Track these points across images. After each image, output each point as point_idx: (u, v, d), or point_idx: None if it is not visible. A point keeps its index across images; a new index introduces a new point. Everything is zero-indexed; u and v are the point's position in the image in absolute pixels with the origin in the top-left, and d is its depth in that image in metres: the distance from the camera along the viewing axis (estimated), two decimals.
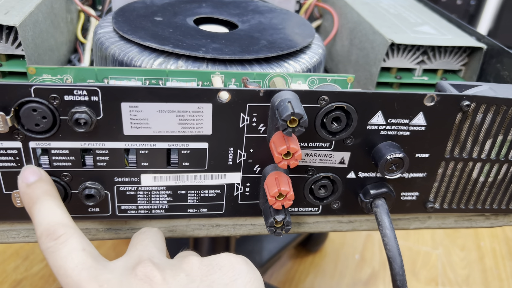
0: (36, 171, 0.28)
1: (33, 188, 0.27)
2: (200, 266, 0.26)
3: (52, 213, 0.26)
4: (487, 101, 0.31)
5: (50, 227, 0.25)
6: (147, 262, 0.25)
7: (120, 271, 0.25)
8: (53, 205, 0.27)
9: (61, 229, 0.25)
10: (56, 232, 0.25)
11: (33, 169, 0.28)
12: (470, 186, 0.35)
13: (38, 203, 0.27)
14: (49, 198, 0.27)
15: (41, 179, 0.28)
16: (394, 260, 0.30)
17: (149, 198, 0.31)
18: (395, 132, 0.31)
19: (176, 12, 0.42)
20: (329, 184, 0.33)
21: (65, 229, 0.25)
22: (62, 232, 0.25)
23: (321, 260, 1.02)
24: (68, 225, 0.26)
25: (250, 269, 0.26)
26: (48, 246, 0.25)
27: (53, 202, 0.27)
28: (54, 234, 0.25)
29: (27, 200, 0.27)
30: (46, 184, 0.28)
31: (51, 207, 0.27)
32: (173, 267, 0.26)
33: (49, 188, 0.28)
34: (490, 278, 1.01)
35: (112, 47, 0.35)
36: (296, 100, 0.27)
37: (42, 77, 0.31)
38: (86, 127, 0.27)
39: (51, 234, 0.25)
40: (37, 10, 0.36)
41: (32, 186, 0.28)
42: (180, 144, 0.29)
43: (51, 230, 0.25)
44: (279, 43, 0.38)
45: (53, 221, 0.26)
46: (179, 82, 0.32)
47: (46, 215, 0.26)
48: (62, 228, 0.25)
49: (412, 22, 0.44)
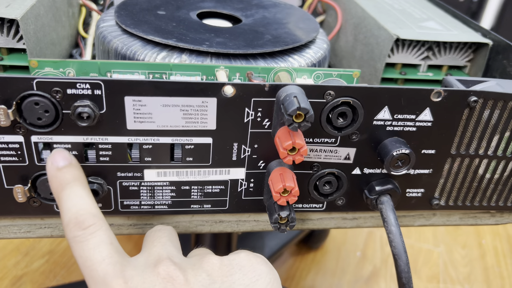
0: (67, 155, 0.28)
1: (63, 172, 0.27)
2: (221, 266, 0.26)
3: (82, 201, 0.26)
4: (495, 96, 0.30)
5: (79, 216, 0.25)
6: (168, 261, 0.25)
7: (142, 269, 0.25)
8: (83, 193, 0.26)
9: (91, 219, 0.25)
10: (86, 221, 0.24)
11: (65, 153, 0.27)
12: (476, 183, 0.34)
13: (68, 188, 0.26)
14: (79, 184, 0.27)
15: (71, 164, 0.27)
16: (400, 257, 0.29)
17: (152, 194, 0.31)
18: (402, 128, 0.30)
19: (179, 6, 0.41)
20: (334, 180, 0.32)
21: (95, 219, 0.25)
22: (91, 223, 0.25)
23: (322, 257, 1.01)
24: (97, 215, 0.25)
25: (270, 270, 0.26)
26: (76, 235, 0.24)
27: (83, 189, 0.26)
28: (84, 224, 0.24)
29: (56, 184, 0.26)
30: (77, 170, 0.27)
31: (81, 194, 0.26)
32: (194, 266, 0.26)
33: (80, 175, 0.27)
34: (491, 276, 1.00)
35: (115, 40, 0.35)
36: (302, 95, 0.26)
37: (44, 71, 0.30)
38: (89, 121, 0.26)
39: (80, 223, 0.24)
40: (38, 3, 0.36)
41: (63, 170, 0.27)
42: (184, 139, 0.29)
43: (80, 218, 0.25)
44: (284, 38, 0.37)
45: (83, 209, 0.25)
46: (183, 76, 0.31)
47: (75, 202, 0.25)
48: (92, 218, 0.25)
49: (417, 18, 0.44)
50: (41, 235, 0.33)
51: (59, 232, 0.33)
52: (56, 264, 0.92)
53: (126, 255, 0.25)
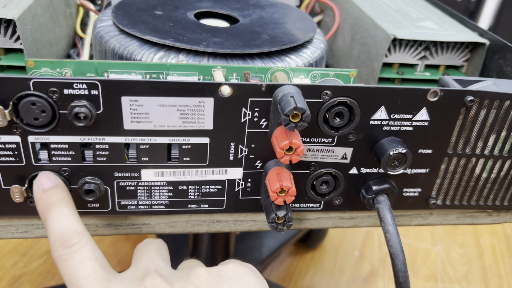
0: (52, 177, 0.28)
1: (48, 194, 0.27)
2: (208, 278, 0.26)
3: (67, 220, 0.26)
4: (491, 96, 0.30)
5: (64, 235, 0.25)
6: (155, 274, 0.25)
7: (129, 283, 0.25)
8: (68, 213, 0.27)
9: (75, 237, 0.25)
10: (70, 240, 0.25)
11: (49, 175, 0.28)
12: (472, 183, 0.34)
13: (53, 209, 0.27)
14: (64, 205, 0.27)
15: (57, 186, 0.28)
16: (397, 256, 0.29)
17: (150, 194, 0.31)
18: (398, 128, 0.31)
19: (176, 6, 0.41)
20: (331, 180, 0.32)
21: (79, 237, 0.25)
22: (76, 241, 0.25)
23: (320, 256, 1.02)
24: (82, 233, 0.26)
25: (258, 279, 0.26)
26: (61, 254, 0.25)
27: (67, 209, 0.27)
28: (68, 242, 0.25)
29: (42, 206, 0.27)
30: (62, 191, 0.28)
31: (65, 214, 0.27)
32: (181, 279, 0.26)
33: (64, 195, 0.28)
34: (489, 275, 1.01)
35: (112, 41, 0.35)
36: (299, 95, 0.26)
37: (41, 71, 0.30)
38: (86, 121, 0.26)
39: (65, 242, 0.25)
40: (35, 3, 0.36)
41: (48, 192, 0.28)
42: (181, 139, 0.29)
43: (65, 237, 0.25)
44: (281, 38, 0.37)
45: (67, 228, 0.26)
46: (180, 76, 0.31)
47: (60, 222, 0.26)
48: (76, 236, 0.25)
49: (414, 17, 0.44)
50: (39, 235, 0.33)
51: None
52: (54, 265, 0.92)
53: (112, 271, 0.25)
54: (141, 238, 1.00)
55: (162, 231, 0.34)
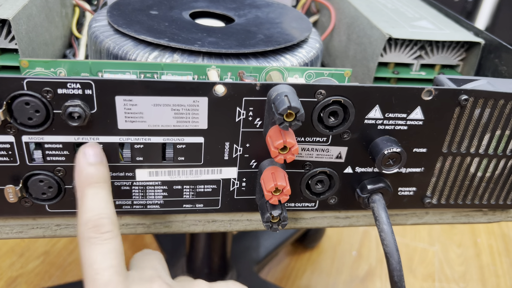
0: (100, 152, 0.27)
1: (94, 168, 0.26)
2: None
3: (105, 205, 0.26)
4: (485, 95, 0.31)
5: (99, 219, 0.25)
6: (161, 281, 0.26)
7: (140, 282, 0.25)
8: (107, 197, 0.26)
9: (109, 226, 0.25)
10: (104, 226, 0.25)
11: (98, 149, 0.27)
12: (467, 181, 0.34)
13: (94, 187, 0.26)
14: (106, 187, 0.26)
15: (103, 163, 0.27)
16: (392, 255, 0.29)
17: (144, 193, 0.31)
18: (393, 127, 0.31)
19: (172, 6, 0.41)
20: (326, 179, 0.32)
21: (113, 227, 0.25)
22: (109, 229, 0.25)
23: (318, 256, 1.02)
24: (116, 224, 0.25)
25: None
26: (91, 236, 0.24)
27: (107, 193, 0.26)
28: (102, 228, 0.25)
29: (83, 178, 0.26)
30: (106, 171, 0.27)
31: (105, 198, 0.26)
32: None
33: (108, 177, 0.27)
34: (486, 275, 1.01)
35: (106, 40, 0.35)
36: (293, 94, 0.26)
37: (35, 71, 0.30)
38: (80, 121, 0.26)
39: (98, 226, 0.25)
40: (30, 3, 0.36)
41: (94, 166, 0.26)
42: (175, 138, 0.29)
43: (99, 222, 0.25)
44: (276, 37, 0.37)
45: (105, 213, 0.25)
46: (175, 76, 0.31)
47: (98, 204, 0.25)
48: (110, 225, 0.25)
49: (410, 17, 0.44)
50: (33, 236, 0.32)
51: (52, 232, 0.33)
52: (52, 265, 0.92)
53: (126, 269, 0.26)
54: (137, 238, 1.00)
55: (157, 231, 0.34)
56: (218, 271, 0.74)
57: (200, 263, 0.73)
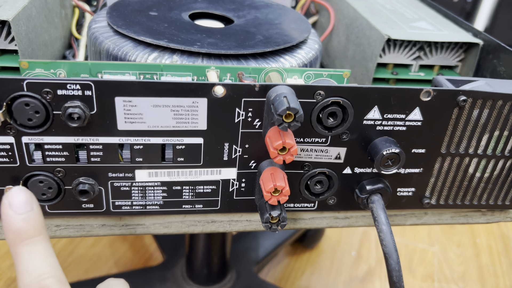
0: (29, 199, 0.23)
1: (23, 222, 0.23)
2: None
3: (44, 261, 0.23)
4: (484, 96, 0.31)
5: (43, 280, 0.22)
6: None
7: None
8: (46, 251, 0.23)
9: (55, 285, 0.22)
10: (49, 287, 0.22)
11: (26, 194, 0.23)
12: (466, 182, 0.35)
13: (28, 244, 0.23)
14: (41, 240, 0.23)
15: (33, 211, 0.23)
16: (390, 255, 0.29)
17: (144, 194, 0.31)
18: (391, 127, 0.31)
19: (171, 7, 0.41)
20: (325, 179, 0.32)
21: (59, 285, 0.22)
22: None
23: (317, 257, 1.02)
24: (61, 280, 0.23)
25: None
26: None
27: (46, 246, 0.23)
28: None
29: (13, 236, 0.23)
30: (40, 220, 0.23)
31: (42, 252, 0.23)
32: None
33: (42, 226, 0.23)
34: (486, 275, 1.01)
35: (106, 41, 0.35)
36: (292, 95, 0.27)
37: (35, 72, 0.30)
38: (80, 122, 0.26)
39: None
40: (30, 4, 0.36)
41: (24, 218, 0.23)
42: (175, 139, 0.29)
43: (43, 283, 0.22)
44: (275, 38, 0.37)
45: (45, 272, 0.22)
46: (174, 77, 0.31)
47: (36, 262, 0.22)
48: (56, 284, 0.22)
49: (409, 18, 0.44)
50: None
51: (51, 233, 0.33)
52: None
53: None
54: (137, 238, 1.00)
55: (157, 232, 0.34)
56: (218, 272, 0.75)
57: (200, 264, 0.73)
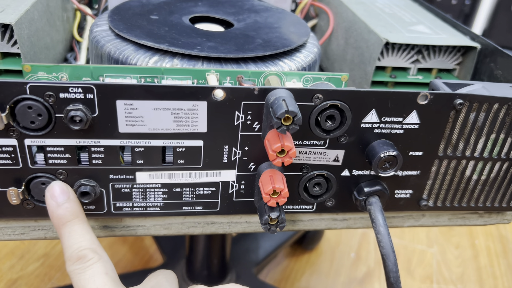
0: (66, 190, 0.29)
1: (63, 209, 0.28)
2: None
3: (82, 237, 0.28)
4: (480, 99, 0.31)
5: (79, 252, 0.27)
6: None
7: None
8: (83, 229, 0.28)
9: (90, 254, 0.27)
10: (86, 256, 0.27)
11: (63, 187, 0.29)
12: (463, 184, 0.35)
13: (68, 226, 0.28)
14: (78, 221, 0.29)
15: (70, 199, 0.29)
16: (388, 257, 0.30)
17: (144, 196, 0.31)
18: (389, 130, 0.31)
19: (172, 11, 0.42)
20: (323, 181, 0.33)
21: (93, 254, 0.27)
22: (91, 257, 0.27)
23: (316, 258, 1.02)
24: (96, 250, 0.28)
25: None
26: (75, 268, 0.27)
27: (82, 225, 0.29)
28: (84, 259, 0.27)
29: (57, 220, 0.29)
30: (76, 205, 0.29)
31: (80, 231, 0.28)
32: None
33: (79, 210, 0.29)
34: (484, 276, 1.01)
35: (107, 45, 0.35)
36: (291, 98, 0.27)
37: (37, 75, 0.31)
38: (81, 124, 0.27)
39: (81, 258, 0.27)
40: (33, 8, 0.36)
41: (62, 206, 0.29)
42: (175, 141, 0.29)
43: (80, 254, 0.27)
44: (275, 42, 0.38)
45: (82, 246, 0.28)
46: (174, 80, 0.32)
47: (76, 239, 0.28)
48: (91, 253, 0.27)
49: (407, 22, 0.44)
50: (35, 237, 0.33)
51: (53, 234, 0.33)
52: (51, 267, 0.92)
53: (121, 285, 0.28)
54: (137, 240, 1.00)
55: (157, 233, 0.34)
56: (217, 273, 0.75)
57: (200, 265, 0.73)
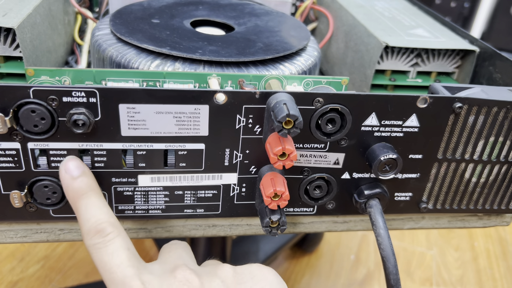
0: (80, 164, 0.28)
1: (78, 182, 0.28)
2: (234, 274, 0.27)
3: (99, 211, 0.27)
4: (479, 103, 0.31)
5: (98, 225, 0.26)
6: (185, 267, 0.27)
7: (159, 273, 0.26)
8: (99, 203, 0.28)
9: (109, 228, 0.26)
10: (105, 230, 0.26)
11: (77, 161, 0.28)
12: (462, 187, 0.35)
13: (85, 198, 0.27)
14: (94, 194, 0.28)
15: (85, 173, 0.28)
16: (388, 259, 0.30)
17: (146, 199, 0.32)
18: (389, 134, 0.31)
19: (173, 15, 0.42)
20: (324, 184, 0.33)
21: (113, 228, 0.26)
22: (110, 231, 0.26)
23: (316, 260, 1.02)
24: (114, 224, 0.27)
25: (280, 280, 0.28)
26: (96, 242, 0.26)
27: (98, 199, 0.28)
28: (103, 232, 0.26)
29: (72, 193, 0.28)
30: (91, 179, 0.28)
31: (97, 204, 0.27)
32: (209, 273, 0.27)
33: (93, 183, 0.28)
34: (484, 278, 1.01)
35: (109, 49, 0.35)
36: (292, 102, 0.27)
37: (40, 79, 0.31)
38: (84, 128, 0.27)
39: (99, 232, 0.26)
40: (35, 12, 0.36)
41: (78, 180, 0.28)
42: (177, 145, 0.30)
43: (99, 228, 0.26)
44: (275, 46, 0.38)
45: (101, 219, 0.27)
46: (176, 84, 0.32)
47: (93, 212, 0.27)
48: (110, 227, 0.26)
49: (406, 25, 0.45)
50: (37, 240, 0.33)
51: (55, 236, 0.33)
52: (52, 270, 0.92)
53: (142, 261, 0.27)
54: (137, 242, 1.00)
55: (158, 236, 0.35)
56: None
57: None
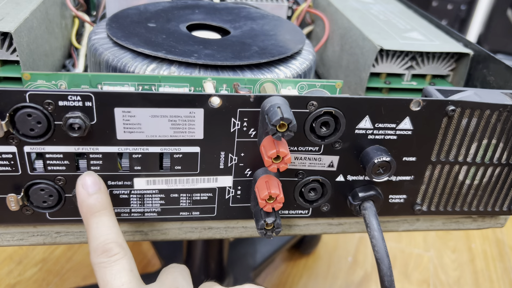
0: (98, 181, 0.29)
1: (93, 198, 0.28)
2: None
3: (109, 230, 0.28)
4: (472, 106, 0.32)
5: (106, 244, 0.27)
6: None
7: None
8: (111, 222, 0.28)
9: (116, 249, 0.27)
10: (112, 250, 0.27)
11: (95, 178, 0.29)
12: (456, 189, 0.35)
13: (97, 216, 0.28)
14: (107, 213, 0.29)
15: (101, 190, 0.29)
16: (382, 261, 0.30)
17: (142, 202, 0.32)
18: (383, 136, 0.32)
19: (169, 19, 0.42)
20: (318, 187, 0.33)
21: (119, 249, 0.27)
22: (116, 252, 0.27)
23: (314, 262, 1.02)
24: (122, 245, 0.28)
25: None
26: (102, 261, 0.27)
27: (110, 218, 0.29)
28: (109, 252, 0.27)
29: (86, 209, 0.28)
30: (105, 197, 0.29)
31: (108, 224, 0.28)
32: None
33: (107, 202, 0.29)
34: (481, 280, 1.02)
35: (106, 53, 0.36)
36: (286, 105, 0.27)
37: (36, 83, 0.31)
38: (80, 132, 0.27)
39: (106, 251, 0.27)
40: (32, 16, 0.37)
41: (93, 196, 0.29)
42: (172, 148, 0.30)
43: (106, 247, 0.27)
44: (270, 49, 0.38)
45: (109, 238, 0.27)
46: (172, 88, 0.32)
47: (103, 231, 0.28)
48: (117, 248, 0.27)
49: (401, 28, 0.45)
50: (34, 243, 0.33)
51: (52, 239, 0.33)
52: (49, 273, 0.92)
53: (142, 283, 0.28)
54: (135, 245, 1.00)
55: (154, 238, 0.35)
56: (215, 278, 0.75)
57: (197, 270, 0.73)
